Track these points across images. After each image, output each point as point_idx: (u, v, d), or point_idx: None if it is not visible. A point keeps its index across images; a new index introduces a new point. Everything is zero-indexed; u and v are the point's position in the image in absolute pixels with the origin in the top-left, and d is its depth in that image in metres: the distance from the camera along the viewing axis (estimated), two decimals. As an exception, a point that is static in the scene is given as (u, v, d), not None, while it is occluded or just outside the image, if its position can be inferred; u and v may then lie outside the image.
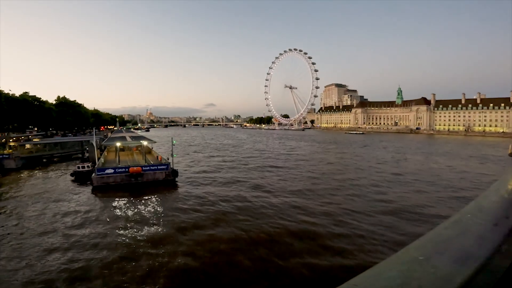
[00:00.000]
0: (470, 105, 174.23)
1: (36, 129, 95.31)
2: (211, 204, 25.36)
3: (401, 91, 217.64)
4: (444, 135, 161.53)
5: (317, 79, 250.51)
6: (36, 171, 46.10)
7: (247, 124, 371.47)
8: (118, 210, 24.38)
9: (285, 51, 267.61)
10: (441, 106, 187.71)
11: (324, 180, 35.71)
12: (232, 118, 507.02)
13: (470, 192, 29.23)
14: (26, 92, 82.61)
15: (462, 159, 55.63)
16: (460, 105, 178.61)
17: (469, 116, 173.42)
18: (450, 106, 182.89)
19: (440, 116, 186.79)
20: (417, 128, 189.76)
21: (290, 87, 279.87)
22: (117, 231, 19.59)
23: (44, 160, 57.07)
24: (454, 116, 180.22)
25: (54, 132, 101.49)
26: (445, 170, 42.64)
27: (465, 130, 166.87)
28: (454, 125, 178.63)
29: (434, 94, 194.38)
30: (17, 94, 78.07)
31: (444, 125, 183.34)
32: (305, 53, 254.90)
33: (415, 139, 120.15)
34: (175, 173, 34.65)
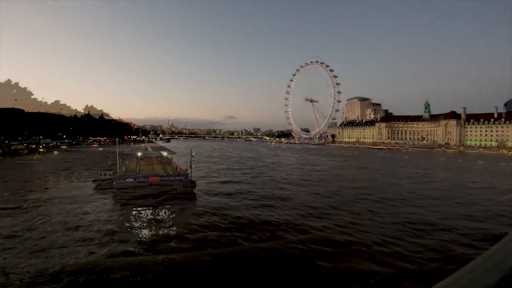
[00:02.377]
0: (503, 119, 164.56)
1: (65, 136, 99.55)
2: (227, 217, 24.20)
3: (428, 105, 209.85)
4: (477, 151, 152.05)
5: (339, 92, 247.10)
6: (61, 177, 47.21)
7: (267, 138, 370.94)
8: (134, 218, 23.77)
9: (306, 63, 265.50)
10: (472, 120, 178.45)
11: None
12: (252, 131, 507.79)
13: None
14: (57, 101, 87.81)
15: None
16: (492, 119, 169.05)
17: (502, 131, 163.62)
18: (481, 120, 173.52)
19: (471, 131, 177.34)
20: (446, 144, 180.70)
21: (311, 100, 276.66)
22: (128, 240, 18.84)
23: (70, 167, 58.73)
24: (486, 131, 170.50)
25: (81, 140, 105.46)
26: None
27: (498, 146, 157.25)
28: (486, 141, 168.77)
29: (464, 108, 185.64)
30: (49, 102, 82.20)
31: (476, 140, 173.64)
32: (327, 66, 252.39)
33: (452, 156, 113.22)
34: (193, 184, 34.04)
